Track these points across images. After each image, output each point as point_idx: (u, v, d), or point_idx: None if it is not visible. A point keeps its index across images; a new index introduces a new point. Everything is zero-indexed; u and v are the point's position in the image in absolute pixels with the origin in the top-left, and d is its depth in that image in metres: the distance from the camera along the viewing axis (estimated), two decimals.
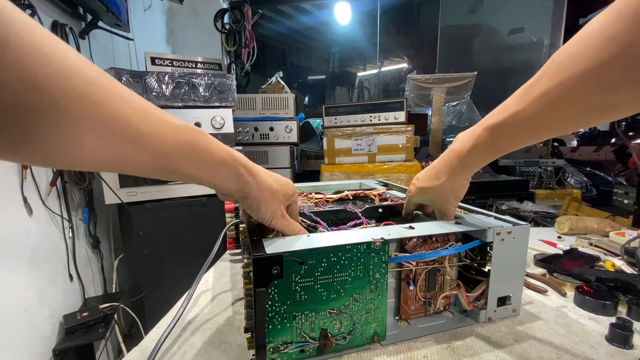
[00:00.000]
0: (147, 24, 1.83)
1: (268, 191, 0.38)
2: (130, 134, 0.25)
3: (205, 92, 1.20)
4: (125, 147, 0.25)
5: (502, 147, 0.39)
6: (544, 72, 0.32)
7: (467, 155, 0.42)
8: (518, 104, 0.34)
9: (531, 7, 2.47)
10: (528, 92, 0.33)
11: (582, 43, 0.28)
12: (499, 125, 0.37)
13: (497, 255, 0.43)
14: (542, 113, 0.32)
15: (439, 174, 0.46)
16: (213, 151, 0.32)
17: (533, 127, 0.34)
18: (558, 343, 0.40)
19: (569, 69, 0.29)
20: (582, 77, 0.28)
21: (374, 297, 0.39)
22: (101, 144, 0.24)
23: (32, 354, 0.95)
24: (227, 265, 0.68)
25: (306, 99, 2.96)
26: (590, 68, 0.27)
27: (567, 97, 0.30)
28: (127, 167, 0.27)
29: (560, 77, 0.30)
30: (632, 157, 1.41)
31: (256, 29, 2.25)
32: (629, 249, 0.63)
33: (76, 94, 0.21)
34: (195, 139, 0.30)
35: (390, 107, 1.54)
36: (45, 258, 1.04)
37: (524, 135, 0.36)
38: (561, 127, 0.33)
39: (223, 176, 0.33)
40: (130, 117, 0.25)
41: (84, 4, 1.19)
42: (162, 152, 0.28)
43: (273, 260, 0.33)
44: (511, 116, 0.35)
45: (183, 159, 0.30)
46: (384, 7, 2.71)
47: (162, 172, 0.29)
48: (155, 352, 0.37)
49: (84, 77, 0.22)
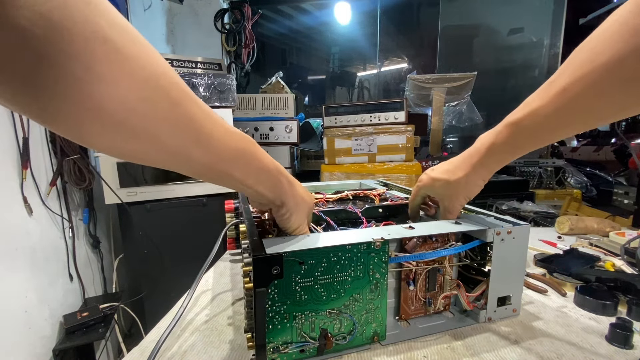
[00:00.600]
0: (147, 24, 1.83)
1: (302, 203, 0.39)
2: (202, 136, 0.27)
3: (205, 92, 1.20)
4: (195, 148, 0.27)
5: (523, 145, 0.38)
6: (565, 67, 0.31)
7: (488, 153, 0.41)
8: (539, 100, 0.34)
9: (531, 7, 2.47)
10: (549, 88, 0.33)
11: (604, 36, 0.27)
12: (520, 121, 0.36)
13: (497, 255, 0.43)
14: (564, 108, 0.32)
15: (456, 169, 0.45)
16: (261, 159, 0.34)
17: (554, 123, 0.34)
18: (558, 343, 0.40)
19: (591, 63, 0.28)
20: (604, 71, 0.27)
21: (374, 297, 0.39)
22: (176, 140, 0.26)
23: (32, 354, 0.95)
24: (227, 265, 0.68)
25: (306, 99, 2.95)
26: (612, 61, 0.27)
27: (589, 92, 0.29)
28: (187, 166, 0.29)
29: (581, 72, 0.29)
30: (632, 157, 1.41)
31: (256, 29, 2.25)
32: (629, 249, 0.63)
33: (152, 85, 0.23)
34: (247, 146, 0.32)
35: (390, 107, 1.54)
36: (45, 258, 1.04)
37: (545, 132, 0.36)
38: (582, 122, 0.33)
39: (266, 183, 0.35)
40: (202, 120, 0.27)
41: None
42: (221, 156, 0.30)
43: (273, 260, 0.33)
44: (532, 112, 0.35)
45: (235, 164, 0.31)
46: (384, 7, 2.70)
47: (214, 174, 0.31)
48: (155, 352, 0.37)
49: (169, 76, 0.25)
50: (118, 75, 0.21)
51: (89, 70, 0.19)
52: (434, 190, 0.49)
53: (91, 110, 0.21)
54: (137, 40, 0.22)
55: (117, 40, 0.20)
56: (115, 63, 0.21)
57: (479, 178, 0.44)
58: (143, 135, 0.24)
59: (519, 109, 0.37)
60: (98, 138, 0.23)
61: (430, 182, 0.48)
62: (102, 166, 1.10)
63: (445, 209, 0.47)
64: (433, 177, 0.48)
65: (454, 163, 0.45)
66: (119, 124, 0.22)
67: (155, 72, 0.23)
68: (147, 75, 0.23)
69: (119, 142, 0.24)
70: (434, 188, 0.48)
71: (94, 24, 0.19)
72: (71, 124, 0.21)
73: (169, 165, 0.28)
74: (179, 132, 0.26)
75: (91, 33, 0.19)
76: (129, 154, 0.25)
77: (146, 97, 0.23)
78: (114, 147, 0.24)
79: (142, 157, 0.26)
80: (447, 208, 0.47)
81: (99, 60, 0.20)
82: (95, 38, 0.19)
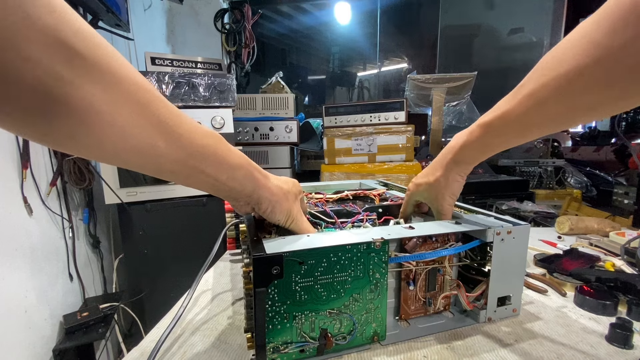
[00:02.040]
0: (147, 24, 1.83)
1: (280, 193, 0.39)
2: (172, 135, 0.29)
3: (205, 92, 1.20)
4: (165, 146, 0.28)
5: (494, 144, 0.41)
6: (532, 73, 0.33)
7: (461, 150, 0.44)
8: (508, 104, 0.36)
9: (531, 7, 2.47)
10: (517, 92, 0.35)
11: (567, 46, 0.29)
12: (491, 122, 0.39)
13: (497, 255, 0.43)
14: (529, 112, 0.34)
15: (434, 170, 0.48)
16: (231, 155, 0.34)
17: (521, 125, 0.36)
18: (558, 343, 0.40)
19: (554, 71, 0.30)
20: (566, 79, 0.29)
21: (374, 297, 0.39)
22: (145, 139, 0.27)
23: (32, 354, 0.95)
24: (227, 265, 0.68)
25: (306, 99, 2.95)
26: (572, 70, 0.28)
27: (552, 97, 0.31)
28: (158, 166, 0.30)
29: (545, 79, 0.31)
30: (632, 157, 1.41)
31: (256, 29, 2.25)
32: (629, 249, 0.63)
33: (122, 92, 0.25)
34: (216, 142, 0.33)
35: (390, 107, 1.54)
36: (45, 258, 1.04)
37: (513, 133, 0.38)
38: (547, 125, 0.35)
39: (239, 179, 0.35)
40: (170, 120, 0.28)
41: (84, 4, 1.19)
42: (191, 153, 0.30)
43: (273, 260, 0.33)
44: (502, 115, 0.37)
45: (206, 160, 0.32)
46: (384, 7, 2.70)
47: (186, 171, 0.32)
48: (155, 352, 0.37)
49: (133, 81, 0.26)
50: (83, 80, 0.22)
51: (52, 75, 0.21)
52: (420, 195, 0.51)
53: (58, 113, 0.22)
54: (102, 46, 0.23)
55: (81, 46, 0.21)
56: (80, 68, 0.22)
57: (456, 174, 0.46)
58: (113, 137, 0.25)
59: (490, 111, 0.39)
60: (68, 141, 0.24)
61: (414, 188, 0.51)
62: (102, 166, 1.10)
63: (435, 210, 0.49)
64: (416, 183, 0.51)
65: (432, 166, 0.48)
66: (88, 126, 0.23)
67: (121, 76, 0.24)
68: (112, 80, 0.24)
69: (90, 143, 0.25)
70: (420, 193, 0.51)
71: (57, 32, 0.20)
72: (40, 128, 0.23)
73: (141, 165, 0.29)
74: (147, 132, 0.27)
75: (54, 40, 0.20)
76: (101, 156, 0.27)
77: (113, 100, 0.24)
78: (83, 150, 0.26)
79: (114, 160, 0.28)
80: (437, 209, 0.49)
81: (63, 66, 0.21)
82: (59, 44, 0.20)
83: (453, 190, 0.47)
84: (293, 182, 0.43)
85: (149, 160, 0.29)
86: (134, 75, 0.26)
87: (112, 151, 0.26)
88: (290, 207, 0.40)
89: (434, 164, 0.48)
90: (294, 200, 0.41)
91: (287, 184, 0.41)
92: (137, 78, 0.26)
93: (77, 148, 0.25)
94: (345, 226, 0.50)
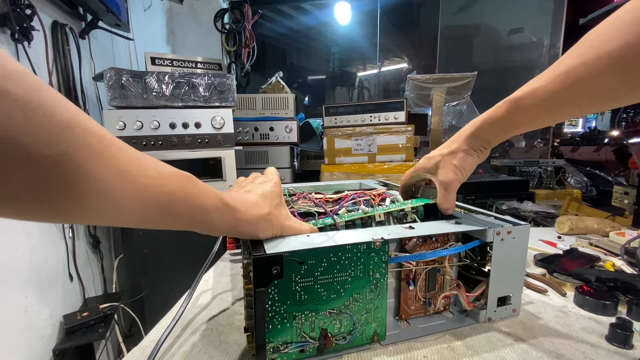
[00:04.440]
0: (147, 24, 1.83)
1: (260, 217, 0.36)
2: (137, 184, 0.25)
3: (205, 92, 1.20)
4: (127, 199, 0.25)
5: (518, 122, 0.39)
6: (571, 52, 0.32)
7: (482, 124, 0.42)
8: (541, 81, 0.35)
9: (531, 7, 2.47)
10: (553, 70, 0.34)
11: (613, 25, 0.29)
12: (519, 99, 0.37)
13: (497, 255, 0.43)
14: (563, 90, 0.33)
15: (451, 143, 0.45)
16: (203, 196, 0.31)
17: (552, 103, 0.35)
18: (558, 343, 0.40)
19: (597, 50, 0.29)
20: (608, 58, 0.28)
21: (374, 297, 0.39)
22: (103, 199, 0.23)
23: (32, 354, 0.95)
24: (227, 265, 0.68)
25: (306, 99, 2.95)
26: (617, 49, 0.28)
27: (590, 76, 0.30)
28: (126, 217, 0.26)
29: (585, 57, 0.30)
30: (632, 157, 1.41)
31: (256, 29, 2.25)
32: (629, 249, 0.63)
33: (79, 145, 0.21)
34: (183, 186, 0.29)
35: (390, 107, 1.54)
36: (45, 258, 1.04)
37: (542, 111, 0.36)
38: (577, 106, 0.34)
39: (215, 221, 0.32)
40: (127, 167, 0.24)
41: (84, 4, 1.19)
42: (158, 202, 0.27)
43: (273, 260, 0.33)
44: (532, 91, 0.36)
45: (175, 207, 0.29)
46: (384, 7, 2.70)
47: (155, 221, 0.28)
48: (155, 352, 0.37)
49: (84, 128, 0.22)
50: (24, 129, 0.18)
51: None
52: (430, 170, 0.48)
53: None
54: (40, 88, 0.20)
55: (15, 90, 0.18)
56: (19, 115, 0.18)
57: (472, 149, 0.44)
58: (74, 192, 0.22)
59: (521, 88, 0.38)
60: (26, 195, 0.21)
61: (426, 162, 0.48)
62: None
63: (440, 184, 0.46)
64: (428, 156, 0.48)
65: (449, 140, 0.46)
66: (41, 179, 0.20)
67: (67, 122, 0.21)
68: (57, 126, 0.20)
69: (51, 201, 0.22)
70: (430, 168, 0.47)
71: None
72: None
73: (113, 219, 0.26)
74: (107, 183, 0.23)
75: None
76: (69, 215, 0.23)
77: (63, 151, 0.20)
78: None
79: (79, 218, 0.24)
80: (442, 182, 0.45)
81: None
82: None
83: (465, 165, 0.44)
84: (271, 188, 0.40)
85: (117, 216, 0.25)
86: (83, 120, 0.22)
87: (76, 209, 0.23)
88: (275, 222, 0.38)
89: (451, 138, 0.46)
90: (277, 210, 0.38)
91: (265, 198, 0.38)
92: (87, 123, 0.22)
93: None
94: (339, 212, 0.48)
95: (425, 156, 0.49)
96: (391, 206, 0.49)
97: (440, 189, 0.46)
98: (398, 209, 0.48)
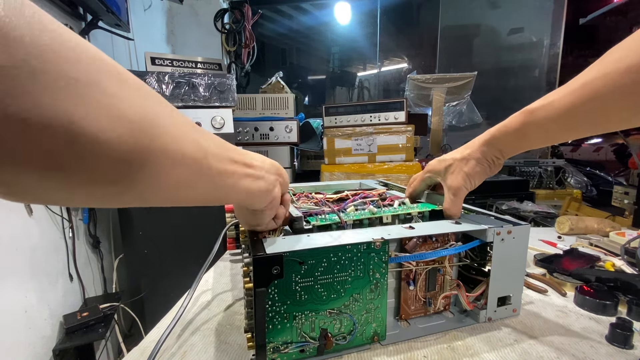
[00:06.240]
0: (147, 24, 1.83)
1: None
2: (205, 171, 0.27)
3: (205, 92, 1.20)
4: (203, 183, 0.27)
5: (532, 135, 0.39)
6: (590, 67, 0.32)
7: (497, 134, 0.42)
8: (558, 94, 0.35)
9: (531, 7, 2.47)
10: (571, 83, 0.34)
11: (633, 41, 0.28)
12: (535, 110, 0.37)
13: (497, 255, 0.43)
14: (579, 104, 0.32)
15: (465, 149, 0.45)
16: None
17: (566, 116, 0.34)
18: (558, 343, 0.40)
19: (615, 64, 0.29)
20: (627, 73, 0.28)
21: (374, 297, 0.38)
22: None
23: (32, 354, 0.95)
24: (227, 265, 0.68)
25: (306, 99, 2.95)
26: (635, 64, 0.27)
27: (607, 90, 0.30)
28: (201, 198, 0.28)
29: (605, 71, 0.30)
30: (632, 157, 1.41)
31: (256, 29, 2.25)
32: (629, 249, 0.63)
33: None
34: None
35: (390, 107, 1.54)
36: (45, 258, 1.04)
37: (557, 126, 0.36)
38: (595, 121, 0.33)
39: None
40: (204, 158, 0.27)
41: (84, 4, 1.19)
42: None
43: (273, 260, 0.33)
44: (548, 104, 0.36)
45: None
46: (384, 7, 2.70)
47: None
48: (155, 352, 0.37)
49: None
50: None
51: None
52: (440, 173, 0.48)
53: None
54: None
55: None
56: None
57: (484, 158, 0.43)
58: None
59: (538, 100, 0.37)
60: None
61: (437, 164, 0.48)
62: None
63: (449, 189, 0.46)
64: (440, 159, 0.48)
65: (463, 146, 0.46)
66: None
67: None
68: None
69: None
70: (441, 170, 0.47)
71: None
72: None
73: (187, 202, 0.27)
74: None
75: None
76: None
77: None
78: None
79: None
80: (450, 187, 0.45)
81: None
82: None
83: (474, 173, 0.44)
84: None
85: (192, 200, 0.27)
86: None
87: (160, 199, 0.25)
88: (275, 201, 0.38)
89: (466, 144, 0.46)
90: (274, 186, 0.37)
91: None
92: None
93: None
94: (347, 209, 0.48)
95: (437, 158, 0.49)
96: (399, 209, 0.49)
97: (448, 194, 0.46)
98: (405, 212, 0.48)
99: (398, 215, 0.48)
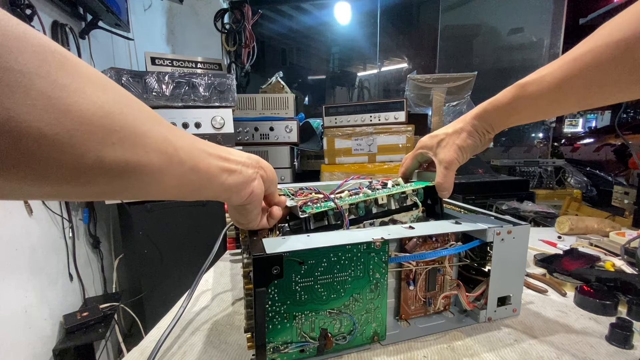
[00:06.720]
0: (147, 24, 1.83)
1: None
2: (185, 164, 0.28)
3: (205, 92, 1.20)
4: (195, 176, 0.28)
5: (522, 109, 0.39)
6: (582, 42, 0.32)
7: (488, 107, 0.42)
8: (549, 67, 0.35)
9: (531, 7, 2.47)
10: (562, 57, 0.34)
11: (623, 17, 0.29)
12: (526, 84, 0.38)
13: (497, 255, 0.43)
14: (569, 77, 0.33)
15: (456, 124, 0.46)
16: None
17: (556, 90, 0.35)
18: (558, 343, 0.40)
19: (605, 38, 0.29)
20: (615, 47, 0.28)
21: (374, 297, 0.38)
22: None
23: (32, 354, 0.95)
24: (227, 265, 0.68)
25: (306, 99, 2.95)
26: (623, 39, 0.28)
27: (597, 64, 0.30)
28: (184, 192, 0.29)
29: (594, 45, 0.30)
30: (632, 157, 1.41)
31: (256, 29, 2.25)
32: (629, 249, 0.63)
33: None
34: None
35: (390, 107, 1.54)
36: (45, 258, 1.04)
37: (547, 99, 0.36)
38: (584, 95, 0.33)
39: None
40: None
41: (84, 4, 1.19)
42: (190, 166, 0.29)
43: (273, 260, 0.33)
44: (539, 77, 0.36)
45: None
46: (383, 7, 2.70)
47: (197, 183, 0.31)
48: (155, 352, 0.37)
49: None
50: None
51: None
52: (432, 148, 0.48)
53: None
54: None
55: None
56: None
57: (474, 130, 0.44)
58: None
59: (531, 75, 0.38)
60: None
61: (428, 140, 0.48)
62: None
63: (440, 162, 0.46)
64: (432, 135, 0.48)
65: (454, 121, 0.47)
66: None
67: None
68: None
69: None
70: (433, 145, 0.48)
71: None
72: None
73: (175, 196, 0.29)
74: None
75: None
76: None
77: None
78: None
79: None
80: (441, 160, 0.46)
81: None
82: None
83: (466, 146, 0.44)
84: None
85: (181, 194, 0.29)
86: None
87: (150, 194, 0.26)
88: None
89: (458, 119, 0.46)
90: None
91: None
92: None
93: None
94: (341, 196, 0.48)
95: (429, 134, 0.49)
96: (393, 189, 0.49)
97: (440, 167, 0.46)
98: (400, 192, 0.48)
99: (393, 195, 0.48)
